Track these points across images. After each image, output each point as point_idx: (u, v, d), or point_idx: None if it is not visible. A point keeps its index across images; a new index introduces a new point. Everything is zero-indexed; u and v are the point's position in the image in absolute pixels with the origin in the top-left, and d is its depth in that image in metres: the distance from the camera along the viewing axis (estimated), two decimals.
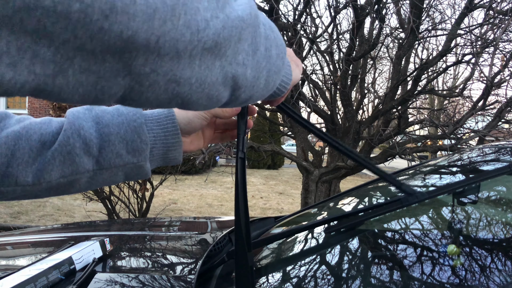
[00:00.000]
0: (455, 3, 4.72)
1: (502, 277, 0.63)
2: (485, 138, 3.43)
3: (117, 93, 0.28)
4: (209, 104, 0.35)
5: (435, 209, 0.99)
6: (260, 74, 0.37)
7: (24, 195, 0.50)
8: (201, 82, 0.32)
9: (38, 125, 0.51)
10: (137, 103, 0.31)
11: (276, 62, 0.40)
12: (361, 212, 0.84)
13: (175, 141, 0.57)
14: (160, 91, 0.30)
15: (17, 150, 0.48)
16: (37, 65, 0.23)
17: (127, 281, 0.83)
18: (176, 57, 0.28)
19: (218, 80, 0.33)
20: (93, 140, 0.50)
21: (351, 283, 0.75)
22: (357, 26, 3.32)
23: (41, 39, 0.23)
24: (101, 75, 0.26)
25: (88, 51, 0.24)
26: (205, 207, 7.21)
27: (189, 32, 0.28)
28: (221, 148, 3.72)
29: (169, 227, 1.48)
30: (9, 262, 1.09)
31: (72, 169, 0.50)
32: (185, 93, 0.32)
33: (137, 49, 0.26)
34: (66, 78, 0.25)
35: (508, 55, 3.48)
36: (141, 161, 0.54)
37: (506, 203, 0.94)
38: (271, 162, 15.30)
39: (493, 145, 1.28)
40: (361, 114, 4.71)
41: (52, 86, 0.25)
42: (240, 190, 0.60)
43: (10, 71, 0.23)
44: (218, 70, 0.32)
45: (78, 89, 0.26)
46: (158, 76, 0.29)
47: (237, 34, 0.32)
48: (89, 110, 0.52)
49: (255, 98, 0.40)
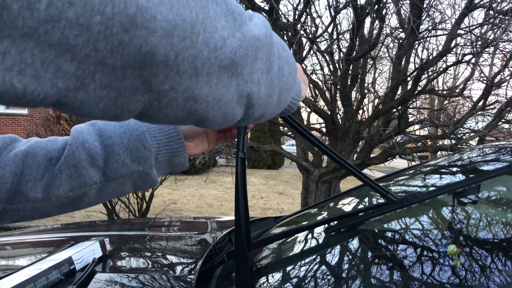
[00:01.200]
0: (455, 3, 4.72)
1: (502, 277, 0.63)
2: (485, 138, 3.43)
3: (136, 109, 0.29)
4: (223, 122, 0.36)
5: (435, 209, 0.99)
6: (273, 92, 0.38)
7: (35, 212, 0.51)
8: (218, 100, 0.32)
9: (44, 143, 0.52)
10: (155, 120, 0.31)
11: (288, 80, 0.40)
12: (361, 212, 0.84)
13: (179, 146, 0.57)
14: (178, 109, 0.31)
15: (25, 168, 0.49)
16: (60, 79, 0.24)
17: (127, 281, 0.83)
18: (194, 75, 0.29)
19: (233, 98, 0.34)
20: (98, 152, 0.51)
21: (351, 283, 0.75)
22: (357, 26, 3.32)
23: (64, 53, 0.23)
24: (121, 92, 0.27)
25: (109, 67, 0.25)
26: (205, 207, 7.21)
27: (207, 49, 0.28)
28: (221, 148, 3.72)
29: (169, 227, 1.48)
30: (9, 262, 1.09)
31: (80, 182, 0.51)
32: (202, 110, 0.32)
33: (157, 65, 0.26)
34: (88, 93, 0.26)
35: (508, 55, 3.48)
36: (147, 168, 0.54)
37: (506, 203, 0.94)
38: (271, 162, 15.30)
39: (493, 145, 1.28)
40: (361, 114, 4.71)
41: (73, 100, 0.26)
42: (240, 190, 0.60)
43: (33, 83, 0.23)
44: (234, 88, 0.33)
45: (98, 104, 0.27)
46: (176, 93, 0.29)
47: (253, 53, 0.33)
48: (91, 125, 0.54)
49: (267, 115, 0.41)
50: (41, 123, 6.52)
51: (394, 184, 1.30)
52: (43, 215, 0.52)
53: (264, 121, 0.45)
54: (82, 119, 5.02)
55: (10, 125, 12.10)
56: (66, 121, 5.67)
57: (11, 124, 12.09)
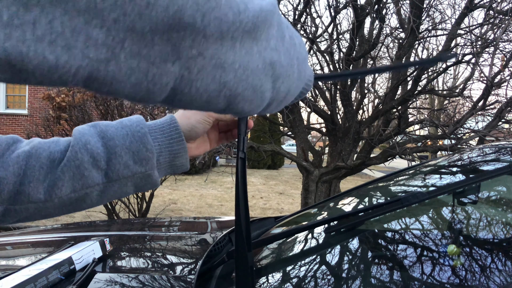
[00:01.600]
0: (455, 3, 4.72)
1: (502, 277, 0.63)
2: (485, 138, 3.43)
3: (168, 83, 0.29)
4: (255, 98, 0.36)
5: (435, 209, 0.99)
6: (291, 61, 0.38)
7: (37, 213, 0.51)
8: (244, 68, 0.32)
9: (46, 144, 0.53)
10: (188, 98, 0.31)
11: (301, 51, 0.41)
12: (361, 212, 0.84)
13: (180, 147, 0.58)
14: (208, 80, 0.31)
15: (28, 169, 0.50)
16: (90, 48, 0.24)
17: (127, 281, 0.83)
18: (220, 39, 0.29)
19: (258, 66, 0.34)
20: (100, 154, 0.51)
21: (351, 283, 0.75)
22: (357, 26, 3.32)
23: (93, 19, 0.23)
24: (151, 60, 0.27)
25: (138, 32, 0.25)
26: (205, 207, 7.21)
27: (231, 12, 0.29)
28: (221, 148, 3.72)
29: (169, 227, 1.48)
30: (9, 262, 1.09)
31: (82, 183, 0.51)
32: (231, 82, 0.32)
33: (184, 27, 0.26)
34: (119, 64, 0.25)
35: (508, 55, 3.48)
36: (149, 170, 0.55)
37: (506, 203, 0.94)
38: (271, 162, 15.30)
39: (493, 145, 1.28)
40: (361, 114, 4.71)
41: (105, 73, 0.25)
42: (241, 190, 0.60)
43: (65, 54, 0.23)
44: (257, 55, 0.33)
45: (130, 77, 0.27)
46: (204, 59, 0.29)
47: (269, 19, 0.33)
48: (94, 127, 0.54)
49: (292, 90, 0.41)
50: (41, 123, 6.53)
51: (394, 184, 1.30)
52: (45, 216, 0.52)
53: (289, 102, 0.44)
54: (82, 120, 5.03)
55: (10, 125, 12.09)
56: (66, 121, 5.67)
57: (11, 124, 12.09)
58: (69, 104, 5.49)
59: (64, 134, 5.60)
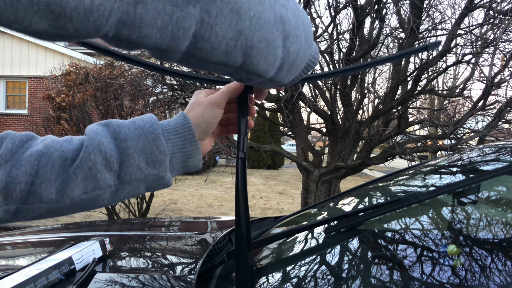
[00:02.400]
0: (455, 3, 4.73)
1: (502, 277, 0.63)
2: (485, 138, 3.43)
3: (190, 27, 0.31)
4: (269, 54, 0.37)
5: (435, 209, 0.99)
6: (298, 22, 0.40)
7: (48, 212, 0.50)
8: (259, 18, 0.34)
9: (59, 143, 0.52)
10: (208, 46, 0.33)
11: (305, 17, 0.42)
12: (361, 212, 0.84)
13: (194, 148, 0.57)
14: (226, 25, 0.32)
15: (40, 168, 0.49)
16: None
17: (127, 281, 0.83)
18: None
19: (271, 19, 0.35)
20: (114, 156, 0.51)
21: (351, 283, 0.75)
22: (357, 26, 3.32)
23: None
24: (175, 2, 0.28)
25: None
26: (205, 207, 7.21)
27: None
28: (221, 148, 3.72)
29: (169, 227, 1.48)
30: (9, 262, 1.09)
31: (94, 185, 0.50)
32: (246, 30, 0.34)
33: None
34: (146, 6, 0.27)
35: (508, 55, 3.48)
36: (162, 172, 0.54)
37: (506, 203, 0.94)
38: (271, 162, 15.29)
39: (493, 145, 1.28)
40: (361, 114, 4.71)
41: (134, 15, 0.27)
42: (241, 190, 0.60)
43: None
44: (268, 7, 0.35)
45: (156, 20, 0.28)
46: (222, 2, 0.31)
47: None
48: (106, 126, 0.53)
49: (301, 55, 0.42)
50: (41, 123, 6.52)
51: (394, 184, 1.30)
52: (57, 215, 0.52)
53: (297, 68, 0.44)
54: (82, 120, 5.02)
55: (10, 125, 12.09)
56: (66, 121, 5.67)
57: (11, 124, 12.08)
58: (69, 104, 5.48)
59: (64, 134, 5.60)
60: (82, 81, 5.81)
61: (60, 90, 6.41)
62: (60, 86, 6.58)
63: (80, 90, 5.47)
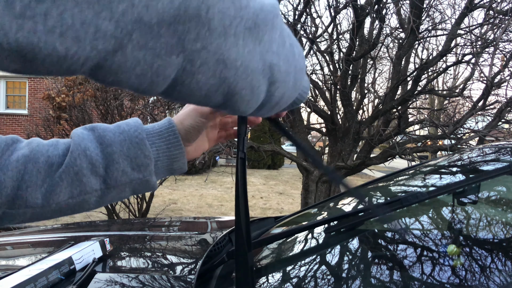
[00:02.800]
0: (455, 3, 4.72)
1: (502, 277, 0.63)
2: (485, 138, 3.43)
3: (170, 74, 0.29)
4: (251, 98, 0.36)
5: (435, 209, 0.99)
6: (290, 68, 0.38)
7: (34, 217, 0.51)
8: (246, 67, 0.33)
9: (45, 147, 0.52)
10: (187, 89, 0.32)
11: (299, 60, 0.41)
12: (361, 212, 0.84)
13: (178, 152, 0.57)
14: (209, 74, 0.31)
15: (26, 173, 0.49)
16: (99, 40, 0.24)
17: (127, 281, 0.83)
18: (224, 34, 0.29)
19: (259, 67, 0.34)
20: (99, 160, 0.51)
21: (351, 283, 0.75)
22: (357, 26, 3.32)
23: (102, 11, 0.23)
24: (157, 52, 0.27)
25: (145, 24, 0.25)
26: (205, 207, 7.21)
27: (233, 7, 0.29)
28: (221, 148, 3.72)
29: (169, 227, 1.48)
30: (9, 262, 1.09)
31: (80, 190, 0.51)
32: (231, 78, 0.32)
33: (190, 19, 0.27)
34: (125, 55, 0.26)
35: (508, 55, 3.48)
36: (147, 176, 0.54)
37: (506, 203, 0.94)
38: (271, 162, 15.30)
39: (493, 145, 1.28)
40: (361, 114, 4.71)
41: (111, 63, 0.26)
42: (241, 191, 0.60)
43: (74, 45, 0.23)
44: (258, 56, 0.34)
45: (135, 68, 0.27)
46: (208, 53, 0.29)
47: (271, 20, 0.34)
48: (92, 131, 0.53)
49: (285, 98, 0.41)
50: (41, 123, 6.53)
51: (394, 184, 1.30)
52: (43, 219, 0.52)
53: (280, 110, 0.44)
54: (82, 120, 5.02)
55: (10, 125, 12.09)
56: (66, 121, 5.68)
57: (11, 124, 12.09)
58: (69, 104, 5.49)
59: (64, 134, 5.60)
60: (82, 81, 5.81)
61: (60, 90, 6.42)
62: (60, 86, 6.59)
63: (80, 90, 5.47)
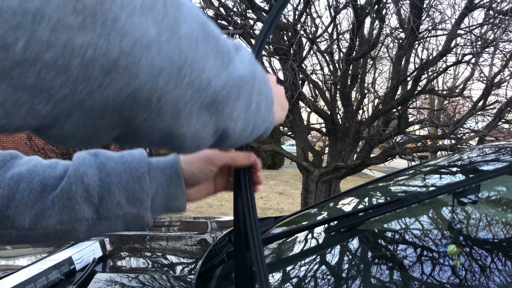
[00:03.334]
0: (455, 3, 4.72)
1: (502, 277, 0.63)
2: (485, 138, 3.43)
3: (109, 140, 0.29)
4: (194, 151, 0.36)
5: (435, 209, 0.99)
6: (248, 126, 0.38)
7: (20, 239, 0.48)
8: (194, 136, 0.32)
9: (42, 168, 0.50)
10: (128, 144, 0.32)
11: (263, 114, 0.40)
12: (361, 212, 0.84)
13: (178, 191, 0.55)
14: (154, 142, 0.31)
15: (17, 193, 0.47)
16: (32, 118, 0.23)
17: (127, 281, 0.83)
18: (176, 115, 0.28)
19: (210, 133, 0.34)
20: (95, 189, 0.49)
21: (351, 283, 0.75)
22: (357, 26, 3.32)
23: (40, 94, 0.22)
24: (97, 129, 0.26)
25: (86, 108, 0.24)
26: (205, 207, 7.22)
27: (191, 90, 0.28)
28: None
29: (169, 227, 1.48)
30: (9, 262, 1.09)
31: (70, 216, 0.48)
32: (176, 144, 0.32)
33: (138, 107, 0.26)
34: (62, 130, 0.25)
35: (508, 55, 3.48)
36: (142, 212, 0.52)
37: (506, 203, 0.94)
38: (271, 162, 15.29)
39: (493, 145, 1.28)
40: (361, 114, 4.71)
41: (46, 134, 0.25)
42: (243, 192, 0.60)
43: (4, 119, 0.22)
44: (212, 125, 0.33)
45: (72, 139, 0.27)
46: (155, 130, 0.29)
47: (236, 92, 0.33)
48: (94, 156, 0.51)
49: (237, 144, 0.40)
50: None
51: (394, 184, 1.30)
52: (26, 243, 0.49)
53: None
54: None
55: None
56: None
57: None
58: None
59: None
60: None
61: None
62: None
63: None
